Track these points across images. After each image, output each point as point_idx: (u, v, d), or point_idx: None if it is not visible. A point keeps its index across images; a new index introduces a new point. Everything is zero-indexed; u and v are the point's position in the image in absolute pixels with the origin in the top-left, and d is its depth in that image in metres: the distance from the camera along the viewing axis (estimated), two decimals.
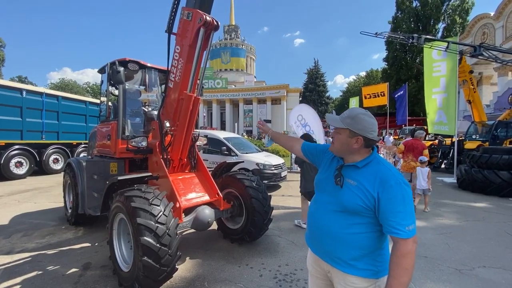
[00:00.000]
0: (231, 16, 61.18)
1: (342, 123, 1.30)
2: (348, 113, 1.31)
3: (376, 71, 50.00)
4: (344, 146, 1.32)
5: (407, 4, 27.76)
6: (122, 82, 3.59)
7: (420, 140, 6.41)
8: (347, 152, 1.33)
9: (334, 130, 1.39)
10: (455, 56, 8.79)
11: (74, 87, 54.78)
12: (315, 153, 1.64)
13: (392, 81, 28.09)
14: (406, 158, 6.32)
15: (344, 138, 1.30)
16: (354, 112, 1.31)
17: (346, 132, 1.29)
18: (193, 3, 3.04)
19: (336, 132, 1.35)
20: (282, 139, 2.00)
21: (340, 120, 1.31)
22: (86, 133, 11.16)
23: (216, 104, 48.80)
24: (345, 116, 1.30)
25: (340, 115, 1.34)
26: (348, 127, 1.27)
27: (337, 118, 1.34)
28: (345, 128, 1.28)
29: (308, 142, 1.77)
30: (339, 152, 1.38)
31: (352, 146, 1.29)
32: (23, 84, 10.88)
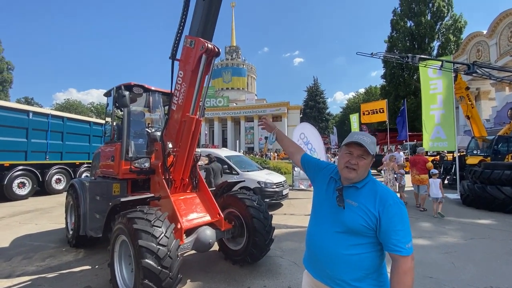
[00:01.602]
0: (232, 38, 63.43)
1: (370, 150, 1.30)
2: (370, 139, 1.33)
3: (375, 87, 50.84)
4: (366, 170, 1.34)
5: (401, 24, 28.74)
6: (127, 106, 3.72)
7: (422, 155, 7.61)
8: (364, 176, 1.34)
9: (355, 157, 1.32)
10: (450, 74, 9.02)
11: (78, 107, 55.89)
12: (313, 168, 1.65)
13: (391, 97, 28.52)
14: (411, 172, 7.57)
15: (369, 163, 1.33)
16: (371, 137, 1.36)
17: (370, 157, 1.32)
18: (196, 32, 3.23)
19: (362, 158, 1.31)
20: (286, 142, 1.95)
21: (369, 147, 1.30)
22: (89, 152, 11.29)
23: (218, 122, 49.40)
24: (370, 142, 1.31)
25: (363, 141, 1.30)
26: (373, 153, 1.31)
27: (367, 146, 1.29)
28: (372, 154, 1.31)
29: (308, 155, 1.79)
30: (359, 178, 1.33)
31: (369, 169, 1.35)
32: (30, 106, 11.17)
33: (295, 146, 1.90)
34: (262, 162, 13.14)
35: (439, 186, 6.51)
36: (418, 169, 7.33)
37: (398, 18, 29.29)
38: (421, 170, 7.27)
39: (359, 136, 1.34)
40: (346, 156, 1.35)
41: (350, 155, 1.33)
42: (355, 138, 1.33)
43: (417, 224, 5.97)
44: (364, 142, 1.29)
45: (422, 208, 7.32)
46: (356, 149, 1.31)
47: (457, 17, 28.34)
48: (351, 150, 1.33)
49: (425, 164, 7.27)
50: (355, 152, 1.32)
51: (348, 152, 1.35)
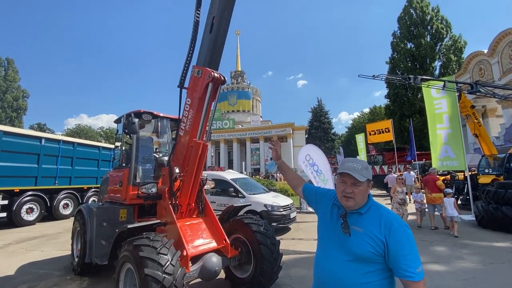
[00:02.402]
0: (237, 63, 65.72)
1: (362, 176, 1.30)
2: (361, 165, 1.34)
3: (379, 107, 51.06)
4: (364, 196, 1.34)
5: (401, 46, 29.38)
6: (136, 132, 3.85)
7: (433, 175, 7.80)
8: (363, 201, 1.34)
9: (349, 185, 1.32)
10: (454, 93, 9.08)
11: (88, 132, 57.44)
12: (314, 197, 1.65)
13: (396, 116, 28.51)
14: (425, 192, 7.76)
15: (364, 189, 1.33)
16: (362, 161, 1.39)
17: (365, 183, 1.32)
18: (203, 62, 3.41)
19: (357, 186, 1.31)
20: (289, 175, 1.94)
21: (359, 174, 1.30)
22: (97, 177, 11.42)
23: (224, 144, 49.79)
24: (361, 168, 1.32)
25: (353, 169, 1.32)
26: (367, 177, 1.32)
27: (357, 173, 1.30)
28: (366, 180, 1.31)
29: (309, 185, 1.79)
30: (359, 205, 1.33)
31: (367, 192, 1.35)
32: (42, 133, 11.57)
33: (297, 179, 1.91)
34: (268, 184, 13.03)
35: (454, 204, 6.59)
36: (429, 188, 7.56)
37: (398, 41, 30.00)
38: (432, 188, 7.49)
39: (349, 165, 1.35)
40: (341, 185, 1.37)
41: (344, 184, 1.34)
42: (345, 168, 1.35)
43: (431, 248, 5.72)
44: (354, 170, 1.31)
45: (432, 227, 7.37)
46: (349, 177, 1.33)
47: (456, 38, 28.93)
48: (344, 179, 1.35)
49: (435, 183, 7.48)
50: (348, 181, 1.33)
51: (341, 181, 1.36)
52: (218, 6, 3.12)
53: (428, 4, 28.99)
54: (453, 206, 6.57)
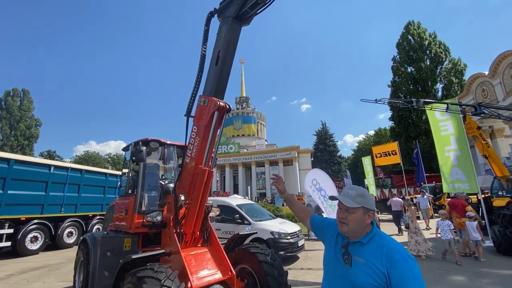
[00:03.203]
0: (242, 89, 67.69)
1: (355, 202, 1.31)
2: (356, 192, 1.35)
3: (384, 129, 51.03)
4: (360, 224, 1.32)
5: (402, 70, 30.01)
6: (143, 160, 3.92)
7: (461, 199, 7.69)
8: (361, 230, 1.33)
9: (343, 211, 1.35)
10: (458, 115, 9.08)
11: (96, 158, 58.30)
12: (321, 227, 1.64)
13: (402, 138, 28.32)
14: (452, 216, 7.57)
15: (359, 217, 1.32)
16: (361, 189, 1.39)
17: (360, 210, 1.31)
18: (209, 92, 3.55)
19: (350, 213, 1.32)
20: (296, 207, 1.92)
21: (352, 200, 1.32)
22: (102, 204, 11.39)
23: (229, 168, 49.71)
24: (355, 195, 1.33)
25: (346, 195, 1.36)
26: (362, 205, 1.31)
27: (347, 198, 1.34)
28: (359, 206, 1.31)
29: (316, 216, 1.78)
30: (353, 232, 1.33)
31: (366, 222, 1.33)
32: (51, 161, 11.80)
33: (305, 211, 1.90)
34: (275, 209, 12.75)
35: (477, 228, 6.51)
36: (458, 212, 7.40)
37: (398, 65, 30.67)
38: (461, 213, 7.33)
39: (345, 191, 1.40)
40: (338, 210, 1.40)
41: (340, 210, 1.38)
42: (340, 194, 1.41)
43: (449, 277, 5.38)
44: (346, 196, 1.35)
45: (463, 253, 7.07)
46: (341, 203, 1.36)
47: (456, 61, 29.52)
48: (339, 204, 1.38)
49: (464, 208, 7.30)
50: (343, 207, 1.36)
51: (339, 206, 1.40)
52: (224, 41, 3.31)
53: (425, 31, 30.04)
54: (476, 229, 6.47)
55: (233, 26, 3.28)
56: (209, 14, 3.45)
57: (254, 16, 3.32)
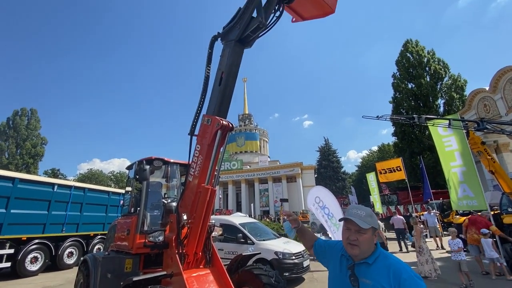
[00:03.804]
0: (245, 106, 68.69)
1: (366, 223, 1.29)
2: (365, 212, 1.34)
3: (388, 145, 50.83)
4: (370, 245, 1.31)
5: (402, 86, 30.33)
6: (146, 179, 3.94)
7: (485, 218, 7.63)
8: (370, 251, 1.31)
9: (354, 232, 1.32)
10: (461, 131, 9.06)
11: (99, 176, 58.40)
12: (323, 250, 1.61)
13: (406, 154, 28.09)
14: (469, 231, 7.44)
15: (370, 238, 1.31)
16: (367, 209, 1.38)
17: (370, 231, 1.30)
18: (212, 111, 3.62)
19: (361, 234, 1.30)
20: (307, 237, 1.86)
21: (363, 221, 1.30)
22: (104, 223, 11.28)
23: (232, 185, 49.30)
24: (365, 215, 1.31)
25: (356, 216, 1.32)
26: (371, 225, 1.30)
27: (360, 220, 1.30)
28: (370, 227, 1.30)
29: (317, 242, 1.72)
30: (364, 253, 1.31)
31: (374, 243, 1.32)
32: (55, 179, 11.84)
33: (312, 240, 1.82)
34: (279, 228, 12.46)
35: (493, 245, 6.42)
36: (478, 229, 7.21)
37: (398, 81, 31.04)
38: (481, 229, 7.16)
39: (353, 211, 1.35)
40: (345, 232, 1.36)
41: (349, 231, 1.34)
42: (348, 214, 1.36)
43: None
44: (357, 217, 1.30)
45: (484, 271, 6.91)
46: (353, 224, 1.32)
47: (455, 77, 29.85)
48: (349, 226, 1.34)
49: (487, 227, 7.14)
50: (353, 228, 1.32)
51: (346, 228, 1.36)
52: (227, 63, 3.43)
53: (423, 48, 30.69)
54: (492, 247, 6.35)
55: (236, 49, 3.40)
56: (213, 38, 3.60)
57: (256, 39, 3.45)
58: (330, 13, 3.43)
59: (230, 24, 3.43)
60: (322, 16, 3.49)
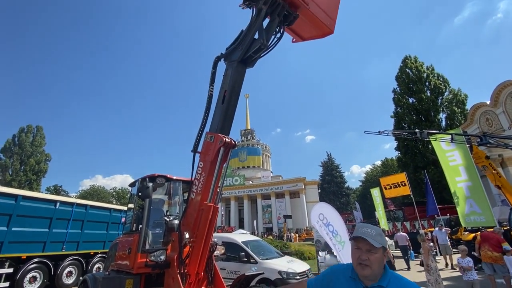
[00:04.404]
0: (247, 122, 69.31)
1: (377, 242, 1.26)
2: (375, 231, 1.31)
3: (391, 159, 50.47)
4: (381, 265, 1.27)
5: (403, 101, 30.54)
6: (149, 197, 3.94)
7: (497, 234, 7.32)
8: (380, 271, 1.27)
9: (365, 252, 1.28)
10: (464, 145, 9.03)
11: (101, 192, 58.21)
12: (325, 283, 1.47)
13: (410, 169, 27.79)
14: (483, 248, 7.15)
15: (380, 257, 1.27)
16: (377, 228, 1.36)
17: (381, 250, 1.27)
18: (215, 129, 3.68)
19: (373, 253, 1.26)
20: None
21: (374, 240, 1.26)
22: (105, 241, 11.10)
23: (234, 201, 48.76)
24: (375, 234, 1.29)
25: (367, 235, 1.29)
26: (382, 245, 1.27)
27: (371, 239, 1.27)
28: (381, 246, 1.26)
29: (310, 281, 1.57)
30: (375, 275, 1.26)
31: (384, 262, 1.29)
32: (57, 196, 11.85)
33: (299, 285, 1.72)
34: (282, 246, 12.19)
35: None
36: (490, 246, 6.98)
37: (399, 96, 31.28)
38: (494, 247, 6.94)
39: (363, 230, 1.32)
40: (356, 251, 1.32)
41: (359, 251, 1.30)
42: (359, 233, 1.32)
43: None
44: (368, 236, 1.27)
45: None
46: (364, 243, 1.28)
47: (456, 92, 30.08)
48: (359, 245, 1.31)
49: (499, 244, 6.91)
50: (363, 247, 1.28)
51: (356, 247, 1.32)
52: (229, 82, 3.53)
53: (422, 64, 31.20)
54: None
55: (238, 69, 3.51)
56: (216, 58, 3.72)
57: (258, 59, 3.57)
58: (329, 33, 3.57)
59: (233, 45, 3.56)
60: (321, 37, 3.63)
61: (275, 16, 3.32)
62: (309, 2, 3.28)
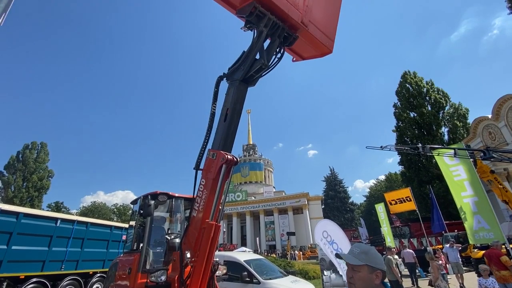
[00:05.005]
0: (249, 137, 69.63)
1: (358, 260, 1.28)
2: (360, 249, 1.33)
3: (395, 174, 49.91)
4: (368, 285, 1.26)
5: (404, 115, 30.63)
6: (151, 215, 3.92)
7: (496, 248, 6.94)
8: None
9: (349, 270, 1.33)
10: (468, 160, 8.96)
11: (102, 209, 57.68)
12: None
13: (414, 183, 27.43)
14: (492, 269, 6.68)
15: (365, 276, 1.27)
16: (365, 247, 1.36)
17: (365, 268, 1.27)
18: (218, 146, 3.71)
19: (355, 271, 1.29)
20: None
21: (355, 257, 1.30)
22: (104, 260, 10.88)
23: (236, 218, 48.01)
24: (358, 252, 1.31)
25: (350, 253, 1.35)
26: (366, 263, 1.27)
27: (351, 256, 1.33)
28: (363, 264, 1.27)
29: None
30: None
31: (374, 282, 1.26)
32: (58, 213, 11.74)
33: None
34: (286, 264, 11.85)
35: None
36: (495, 264, 6.65)
37: (400, 111, 31.41)
38: (498, 265, 6.60)
39: (351, 248, 1.39)
40: (346, 270, 1.37)
41: (348, 269, 1.35)
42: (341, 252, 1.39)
43: None
44: (350, 253, 1.33)
45: None
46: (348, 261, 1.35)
47: (456, 106, 30.20)
48: (347, 263, 1.36)
49: (498, 259, 6.59)
50: (348, 265, 1.34)
51: (347, 265, 1.37)
52: (231, 101, 3.60)
53: (421, 79, 31.57)
54: None
55: (240, 88, 3.59)
56: (219, 78, 3.82)
57: (259, 78, 3.66)
58: (328, 53, 3.68)
59: (235, 65, 3.67)
60: (320, 56, 3.74)
61: (276, 38, 3.44)
62: (308, 24, 3.41)
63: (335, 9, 3.85)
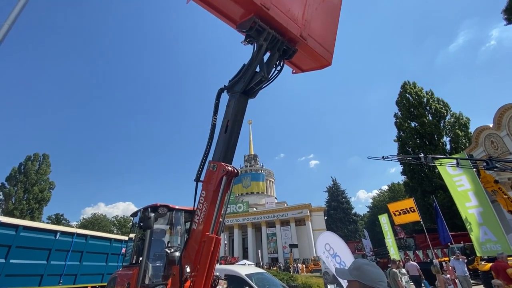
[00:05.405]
0: (250, 147, 69.64)
1: (351, 275, 1.32)
2: (353, 265, 1.36)
3: (398, 184, 49.43)
4: None
5: (405, 125, 30.64)
6: (151, 228, 3.87)
7: (502, 261, 6.76)
8: None
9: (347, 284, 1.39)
10: (471, 169, 8.89)
11: (103, 221, 57.15)
12: None
13: (418, 193, 27.09)
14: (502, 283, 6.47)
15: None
16: (358, 263, 1.37)
17: (356, 284, 1.28)
18: (218, 157, 3.71)
19: (349, 286, 1.35)
20: None
21: (348, 273, 1.34)
22: (103, 274, 10.69)
23: (238, 229, 47.29)
24: (352, 268, 1.34)
25: (349, 267, 1.40)
26: (357, 279, 1.28)
27: (346, 270, 1.38)
28: (354, 280, 1.29)
29: None
30: None
31: None
32: (58, 226, 11.64)
33: None
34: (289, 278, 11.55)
35: None
36: (503, 278, 6.52)
37: (401, 121, 31.44)
38: (507, 279, 6.48)
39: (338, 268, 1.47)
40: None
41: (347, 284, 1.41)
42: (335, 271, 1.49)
43: None
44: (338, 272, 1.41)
45: None
46: None
47: (457, 115, 30.22)
48: None
49: (505, 272, 6.46)
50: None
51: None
52: (232, 112, 3.63)
53: (421, 89, 31.77)
54: None
55: (241, 100, 3.63)
56: (220, 90, 3.87)
57: (260, 90, 3.70)
58: (327, 65, 3.73)
59: (235, 78, 3.72)
60: (319, 68, 3.79)
61: (275, 51, 3.51)
62: (307, 37, 3.48)
63: (333, 23, 3.94)
